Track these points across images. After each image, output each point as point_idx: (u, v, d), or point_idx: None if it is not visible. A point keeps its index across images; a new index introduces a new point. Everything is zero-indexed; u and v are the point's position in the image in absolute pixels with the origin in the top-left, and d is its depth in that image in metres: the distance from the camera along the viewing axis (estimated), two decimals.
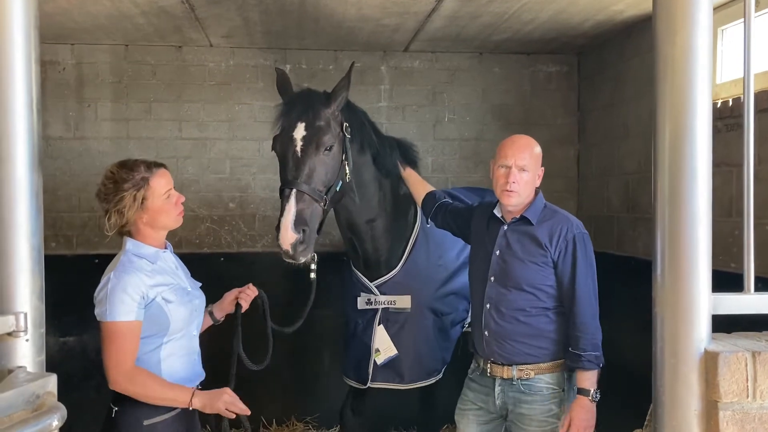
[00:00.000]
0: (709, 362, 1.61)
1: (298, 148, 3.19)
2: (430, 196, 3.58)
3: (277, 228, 3.08)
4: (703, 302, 1.63)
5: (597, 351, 2.80)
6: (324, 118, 3.25)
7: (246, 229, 5.31)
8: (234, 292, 2.91)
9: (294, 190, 3.10)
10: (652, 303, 1.69)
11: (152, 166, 2.55)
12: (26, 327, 1.50)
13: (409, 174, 3.77)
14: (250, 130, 5.29)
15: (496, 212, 3.03)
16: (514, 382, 2.91)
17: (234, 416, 2.55)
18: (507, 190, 2.87)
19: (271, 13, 4.24)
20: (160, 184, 2.54)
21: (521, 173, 2.86)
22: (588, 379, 2.80)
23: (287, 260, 3.12)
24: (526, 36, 4.88)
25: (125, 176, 2.49)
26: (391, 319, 3.70)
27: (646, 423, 1.80)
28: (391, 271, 3.72)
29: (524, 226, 2.93)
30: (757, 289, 1.75)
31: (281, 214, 3.08)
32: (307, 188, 3.12)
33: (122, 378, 2.40)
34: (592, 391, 2.78)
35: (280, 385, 5.09)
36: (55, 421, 1.36)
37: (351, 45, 5.08)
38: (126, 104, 5.17)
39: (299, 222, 3.07)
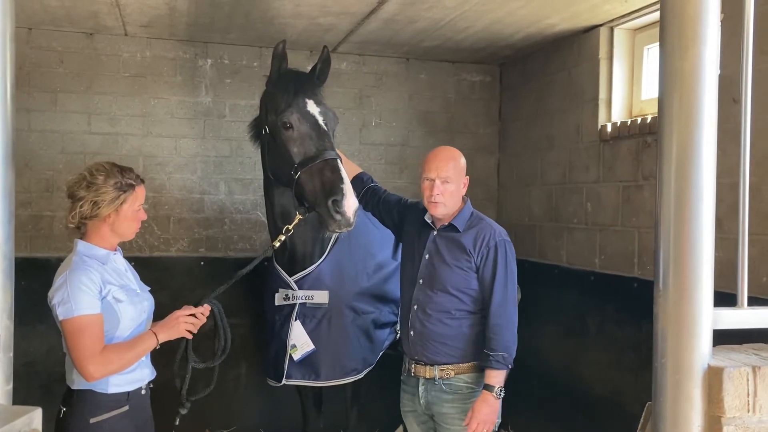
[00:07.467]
0: (713, 377, 1.61)
1: (321, 121, 3.37)
2: (358, 179, 3.65)
3: (340, 195, 3.08)
4: (706, 317, 1.64)
5: (506, 352, 2.94)
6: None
7: (159, 232, 4.99)
8: (180, 315, 2.77)
9: (338, 159, 3.23)
10: (654, 318, 1.68)
11: (140, 178, 2.71)
12: None
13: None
14: (166, 127, 4.98)
15: (427, 219, 3.17)
16: (435, 382, 3.06)
17: (196, 330, 2.77)
18: (432, 202, 3.04)
19: (201, 4, 4.00)
20: (140, 196, 2.67)
21: (445, 185, 3.02)
22: (494, 376, 2.94)
23: (342, 230, 3.18)
24: (455, 44, 4.89)
25: (117, 175, 2.60)
26: (309, 315, 3.58)
27: (639, 429, 1.79)
28: (311, 265, 3.61)
29: (452, 233, 3.10)
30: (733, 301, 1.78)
31: (339, 181, 3.12)
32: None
33: (98, 365, 2.46)
34: (496, 388, 2.93)
35: (193, 395, 4.80)
36: None
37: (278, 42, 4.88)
38: (28, 93, 4.70)
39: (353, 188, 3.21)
